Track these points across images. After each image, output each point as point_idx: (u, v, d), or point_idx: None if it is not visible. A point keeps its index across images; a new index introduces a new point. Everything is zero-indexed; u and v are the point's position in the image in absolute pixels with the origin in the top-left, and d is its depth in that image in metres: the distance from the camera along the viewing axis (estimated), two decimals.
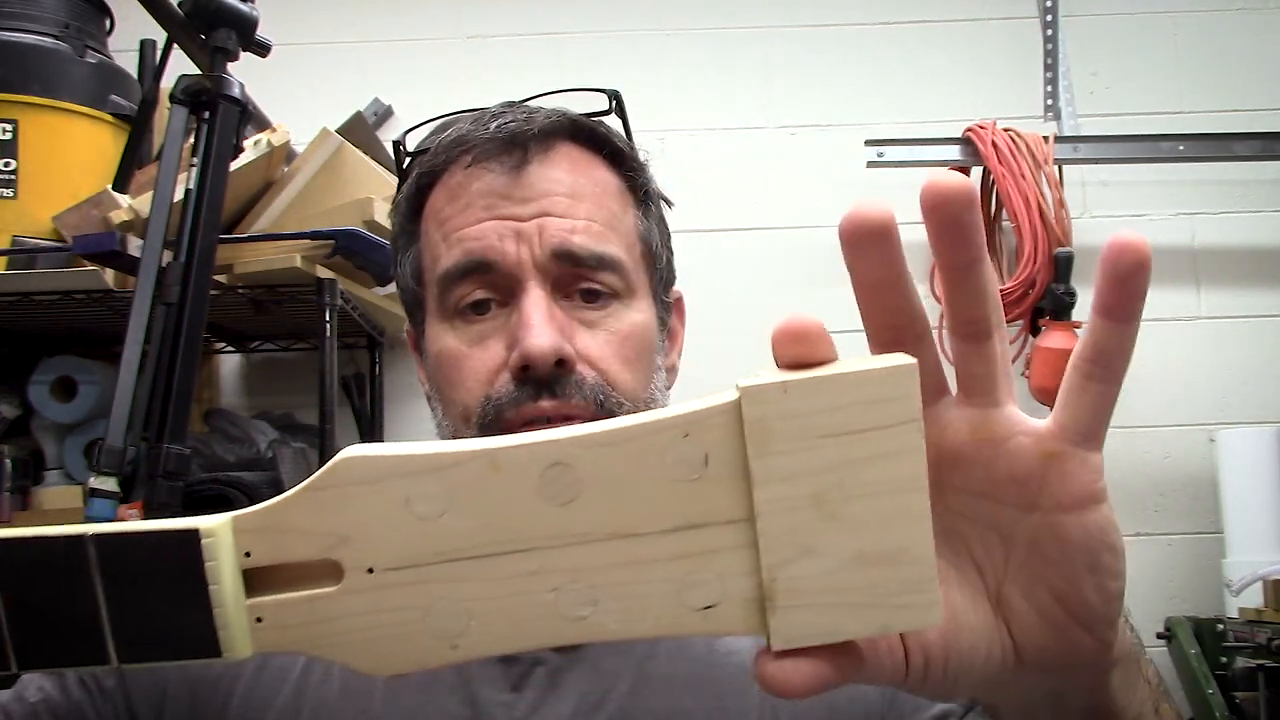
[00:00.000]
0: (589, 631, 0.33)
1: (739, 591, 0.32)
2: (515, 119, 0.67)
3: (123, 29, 1.90)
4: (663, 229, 0.73)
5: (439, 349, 0.67)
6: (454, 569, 0.33)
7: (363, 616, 0.33)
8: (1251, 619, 1.73)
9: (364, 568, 0.33)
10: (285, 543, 0.34)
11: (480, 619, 0.33)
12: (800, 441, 0.32)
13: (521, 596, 0.33)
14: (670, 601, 0.33)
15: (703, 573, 0.33)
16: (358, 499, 0.33)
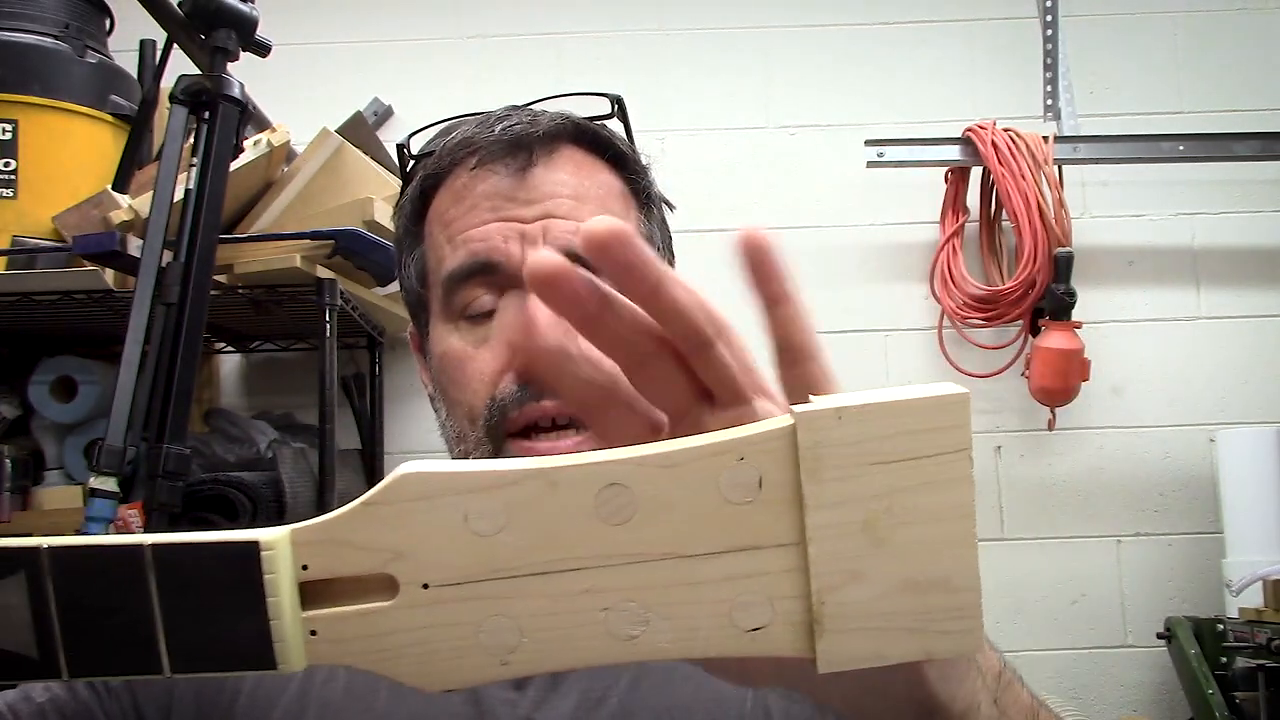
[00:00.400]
0: (640, 651, 0.33)
1: (788, 614, 0.33)
2: (519, 122, 0.67)
3: (123, 29, 1.90)
4: (664, 232, 0.74)
5: (443, 350, 0.67)
6: (508, 586, 0.33)
7: (416, 632, 0.33)
8: (1251, 619, 1.73)
9: (419, 583, 0.33)
10: (342, 556, 0.34)
11: (532, 636, 0.33)
12: (852, 468, 0.32)
13: (574, 615, 0.33)
14: (721, 623, 0.33)
15: (753, 595, 0.33)
16: (415, 515, 0.33)
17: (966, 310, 2.06)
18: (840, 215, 2.20)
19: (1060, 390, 1.99)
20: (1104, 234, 2.18)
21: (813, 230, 2.19)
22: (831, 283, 2.18)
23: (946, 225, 2.11)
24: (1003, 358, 2.09)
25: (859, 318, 2.16)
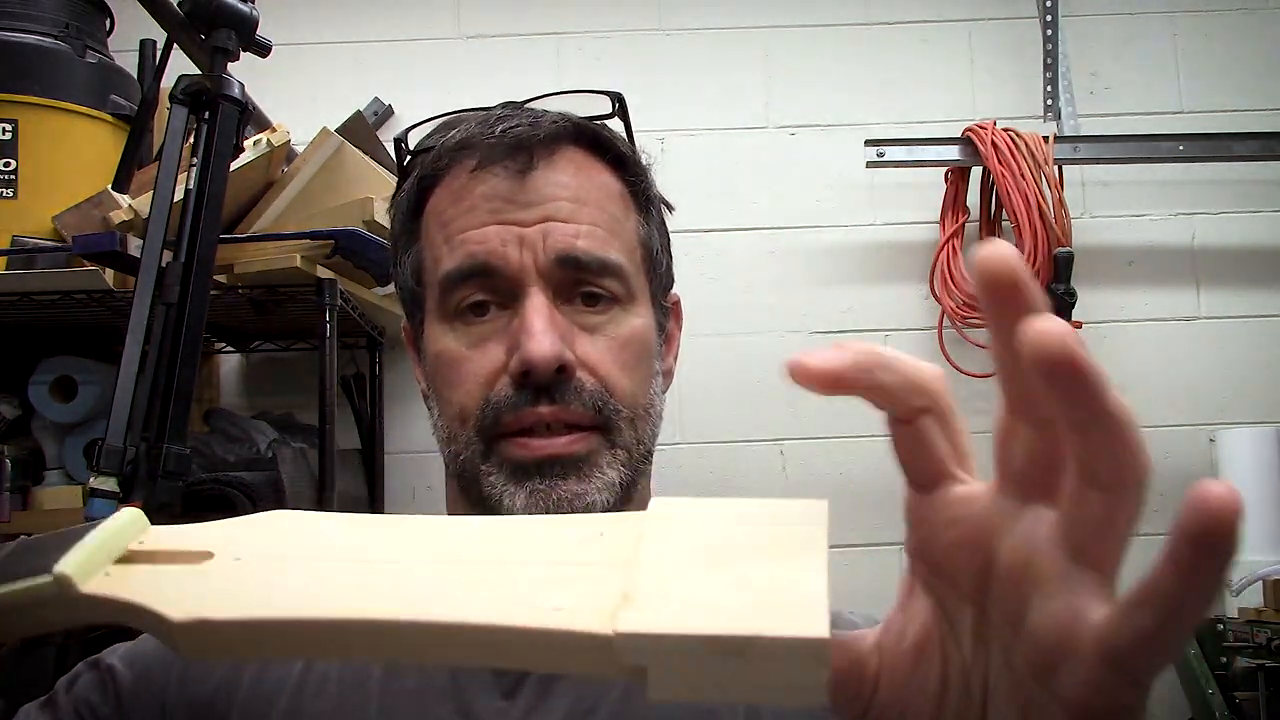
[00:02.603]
0: (421, 610, 0.31)
1: (597, 597, 0.31)
2: (520, 123, 0.66)
3: (123, 29, 1.90)
4: (663, 233, 0.73)
5: (438, 350, 0.67)
6: (312, 560, 0.33)
7: (201, 581, 0.33)
8: (1251, 619, 1.73)
9: (232, 556, 0.33)
10: (177, 538, 0.35)
11: (315, 587, 0.32)
12: (701, 527, 0.33)
13: (369, 579, 0.33)
14: (518, 597, 0.31)
15: (566, 586, 0.32)
16: (266, 525, 0.34)
17: (966, 310, 2.06)
18: (840, 215, 2.20)
19: None
20: (1104, 234, 2.18)
21: (813, 230, 2.20)
22: (831, 283, 2.18)
23: (946, 225, 2.11)
24: None
25: (859, 318, 2.16)
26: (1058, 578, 0.30)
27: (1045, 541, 0.31)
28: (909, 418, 0.33)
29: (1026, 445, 0.31)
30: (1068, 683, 0.29)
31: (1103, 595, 0.30)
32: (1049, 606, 0.30)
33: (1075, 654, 0.29)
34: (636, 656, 0.29)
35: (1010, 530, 0.32)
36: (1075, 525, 0.30)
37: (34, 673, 1.58)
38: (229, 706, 0.65)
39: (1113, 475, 0.29)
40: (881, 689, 0.34)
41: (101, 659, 0.68)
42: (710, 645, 0.29)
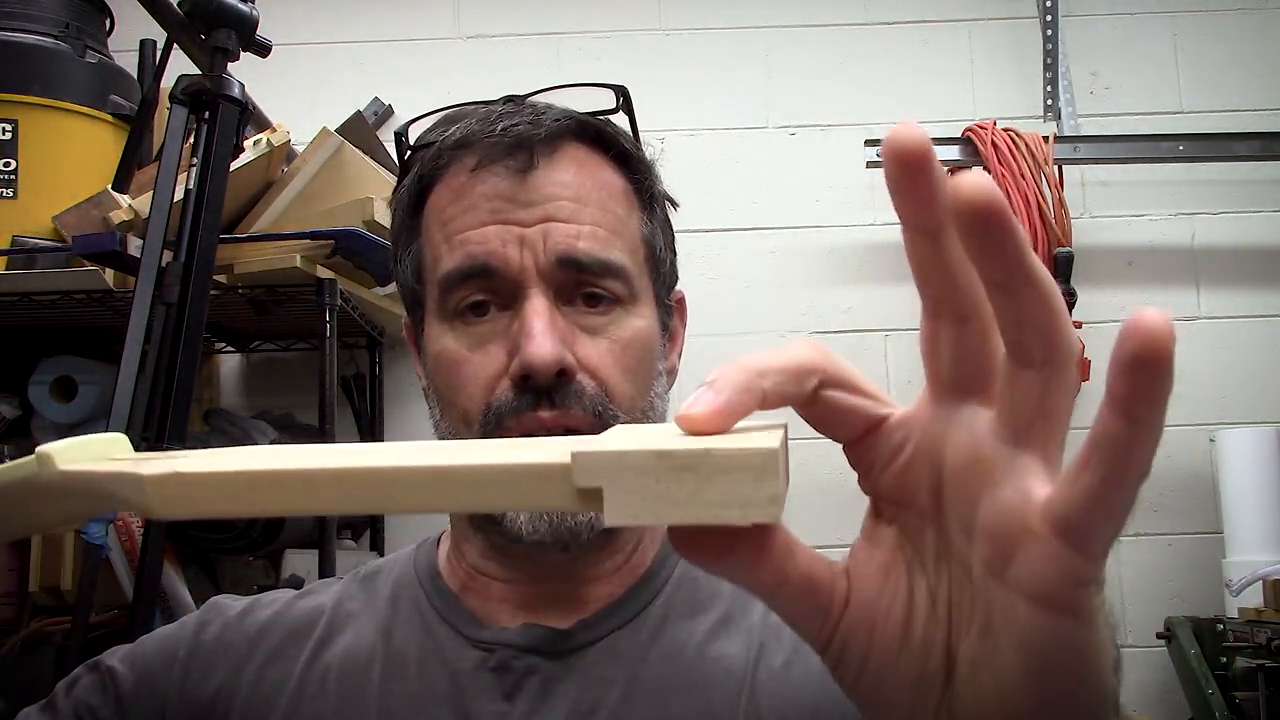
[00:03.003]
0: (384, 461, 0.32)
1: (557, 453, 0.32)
2: (522, 120, 0.66)
3: (123, 29, 1.90)
4: (667, 231, 0.73)
5: (438, 350, 0.66)
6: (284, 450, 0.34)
7: (173, 459, 0.34)
8: (1251, 619, 1.73)
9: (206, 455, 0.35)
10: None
11: (279, 456, 0.34)
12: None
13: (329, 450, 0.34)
14: (472, 452, 0.33)
15: (529, 448, 0.33)
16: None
17: None
18: (840, 215, 2.20)
19: None
20: (1104, 234, 2.18)
21: (813, 230, 2.20)
22: (831, 283, 2.18)
23: None
24: None
25: (859, 318, 2.16)
26: (1002, 467, 0.31)
27: (986, 435, 0.31)
28: (812, 400, 0.33)
29: (952, 347, 0.32)
30: (1025, 570, 0.30)
31: (1048, 475, 0.30)
32: (997, 496, 0.31)
33: (1028, 536, 0.30)
34: (592, 477, 0.30)
35: (952, 433, 0.32)
36: (1012, 410, 0.30)
37: (34, 673, 1.58)
38: (229, 708, 0.65)
39: (1043, 346, 0.29)
40: (850, 609, 0.34)
41: (101, 661, 0.68)
42: (664, 460, 0.30)
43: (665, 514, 0.30)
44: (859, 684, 0.34)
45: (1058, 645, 0.30)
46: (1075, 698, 0.31)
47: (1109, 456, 0.28)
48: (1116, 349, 0.26)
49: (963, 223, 0.28)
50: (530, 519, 0.62)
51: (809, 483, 2.08)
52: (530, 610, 0.67)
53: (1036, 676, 0.31)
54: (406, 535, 2.05)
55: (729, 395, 0.31)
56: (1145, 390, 0.26)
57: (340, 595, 0.71)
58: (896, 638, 0.34)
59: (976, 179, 0.28)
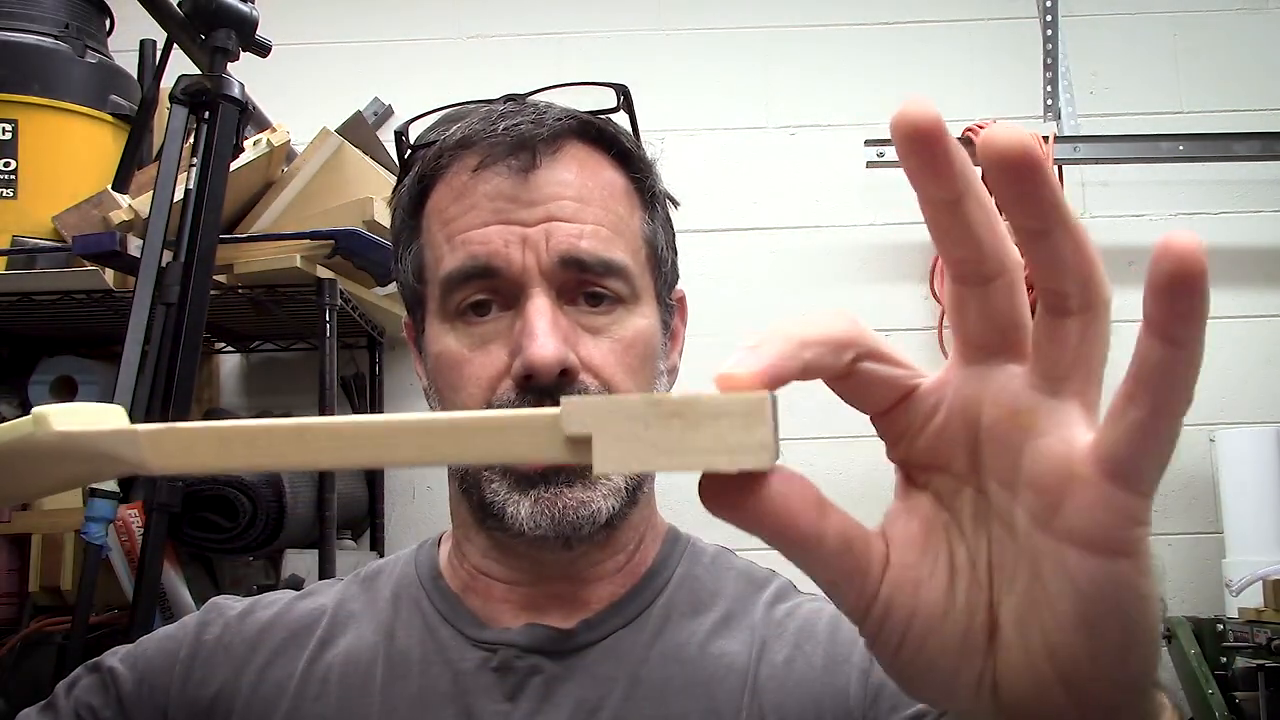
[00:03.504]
0: (375, 419, 0.33)
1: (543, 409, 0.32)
2: (523, 119, 0.66)
3: (123, 29, 1.90)
4: (668, 230, 0.72)
5: (439, 350, 0.66)
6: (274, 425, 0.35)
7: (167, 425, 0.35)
8: (1251, 619, 1.73)
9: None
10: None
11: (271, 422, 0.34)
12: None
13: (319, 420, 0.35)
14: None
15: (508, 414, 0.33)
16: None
17: None
18: (840, 215, 2.20)
19: None
20: (1104, 234, 2.18)
21: (813, 230, 2.20)
22: (831, 283, 2.18)
23: None
24: None
25: (859, 317, 2.16)
26: (1044, 417, 0.31)
27: (1023, 389, 0.31)
28: (848, 373, 0.33)
29: (979, 308, 0.32)
30: (1076, 516, 0.30)
31: (1089, 421, 0.30)
32: (1041, 446, 0.31)
33: (1076, 481, 0.30)
34: (581, 423, 0.30)
35: (988, 391, 0.32)
36: (1050, 360, 0.30)
37: (34, 673, 1.58)
38: (230, 709, 0.65)
39: (1081, 290, 0.29)
40: (891, 570, 0.33)
41: (102, 661, 0.68)
42: (653, 406, 0.30)
43: (654, 461, 0.30)
44: (900, 653, 0.33)
45: (1114, 590, 0.30)
46: (1129, 648, 0.31)
47: (1154, 384, 0.28)
48: (1150, 273, 0.27)
49: (998, 175, 0.28)
50: (532, 513, 0.62)
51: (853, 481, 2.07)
52: (532, 610, 0.67)
53: (1090, 627, 0.30)
54: (407, 536, 2.05)
55: (774, 360, 0.31)
56: (1183, 311, 0.27)
57: (341, 596, 0.71)
58: (940, 601, 0.33)
59: (1008, 132, 0.28)
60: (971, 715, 0.34)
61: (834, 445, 2.08)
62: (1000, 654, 0.33)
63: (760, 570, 0.72)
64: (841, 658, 0.64)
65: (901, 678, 0.35)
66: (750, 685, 0.63)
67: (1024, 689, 0.32)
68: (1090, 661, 0.31)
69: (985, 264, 0.31)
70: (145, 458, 0.33)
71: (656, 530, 0.72)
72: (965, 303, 0.32)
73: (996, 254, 0.31)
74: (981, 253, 0.31)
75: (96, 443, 0.34)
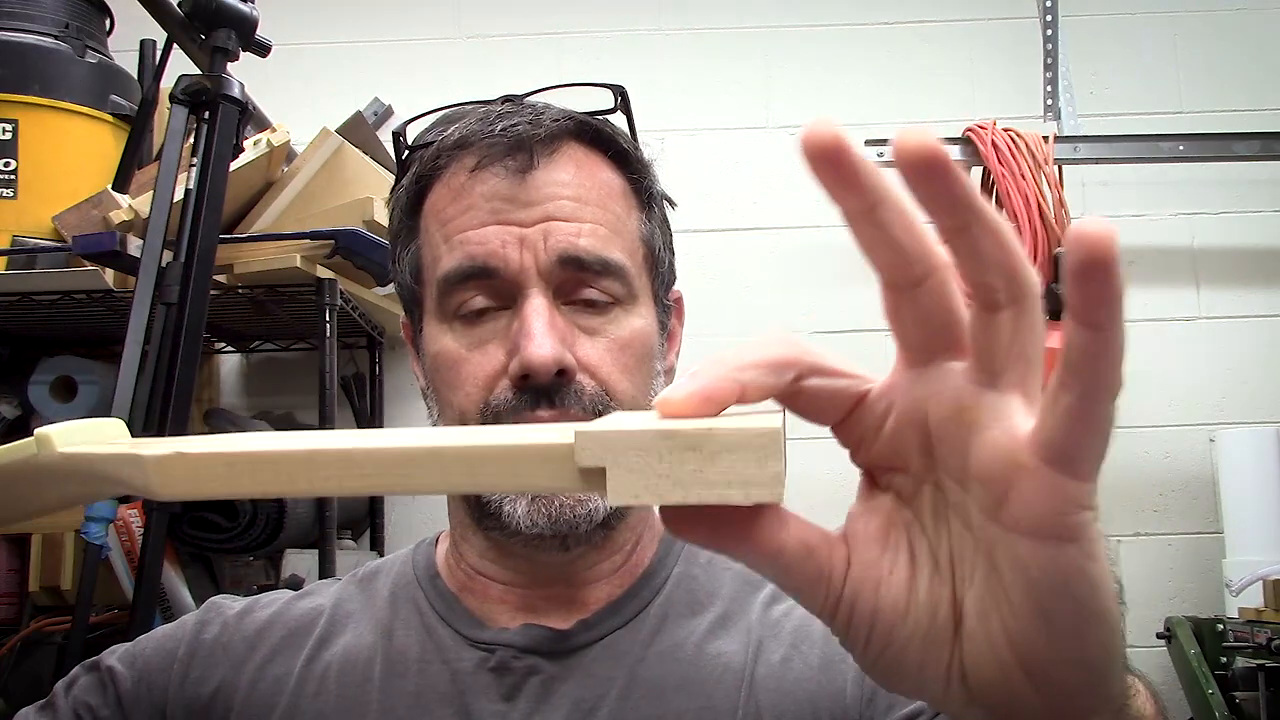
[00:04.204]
0: (386, 442, 0.32)
1: (560, 434, 0.32)
2: (521, 120, 0.65)
3: (123, 29, 1.90)
4: (665, 230, 0.72)
5: (437, 350, 0.66)
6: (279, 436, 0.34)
7: (174, 441, 0.34)
8: (1251, 619, 1.73)
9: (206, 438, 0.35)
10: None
11: (280, 438, 0.33)
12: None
13: (328, 435, 0.34)
14: (477, 433, 0.33)
15: (531, 431, 0.33)
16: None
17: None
18: (840, 215, 2.20)
19: None
20: None
21: (813, 230, 2.19)
22: (831, 283, 2.18)
23: None
24: None
25: (858, 318, 2.15)
26: (986, 411, 0.31)
27: (965, 385, 0.32)
28: (793, 392, 0.34)
29: (913, 311, 0.33)
30: (1021, 505, 0.30)
31: (1030, 411, 0.31)
32: (985, 439, 0.31)
33: (1019, 471, 0.30)
34: (595, 456, 0.30)
35: (932, 391, 0.33)
36: (986, 355, 0.31)
37: (34, 673, 1.58)
38: (229, 707, 0.65)
39: (1006, 283, 0.30)
40: (853, 571, 0.34)
41: (100, 660, 0.68)
42: (668, 439, 0.30)
43: (668, 494, 0.30)
44: (868, 649, 0.34)
45: (1062, 576, 0.30)
46: (1085, 631, 0.31)
47: (1082, 369, 0.29)
48: (1067, 262, 0.28)
49: (909, 177, 0.29)
50: (529, 511, 0.62)
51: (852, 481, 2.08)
52: (530, 611, 0.67)
53: (1044, 613, 0.31)
54: (407, 536, 2.05)
55: (706, 382, 0.31)
56: (1100, 295, 0.28)
57: (339, 596, 0.71)
58: (903, 596, 0.34)
59: (914, 134, 0.29)
60: (945, 705, 0.35)
61: (835, 446, 2.07)
62: (965, 644, 0.33)
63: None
64: (837, 657, 0.64)
65: (874, 672, 0.35)
66: (747, 685, 0.63)
67: (990, 677, 0.33)
68: (1048, 647, 0.31)
69: (911, 267, 0.32)
70: (151, 484, 0.33)
71: (653, 530, 0.72)
72: (899, 307, 0.33)
73: (921, 256, 0.31)
74: (905, 257, 0.31)
75: (101, 466, 0.34)
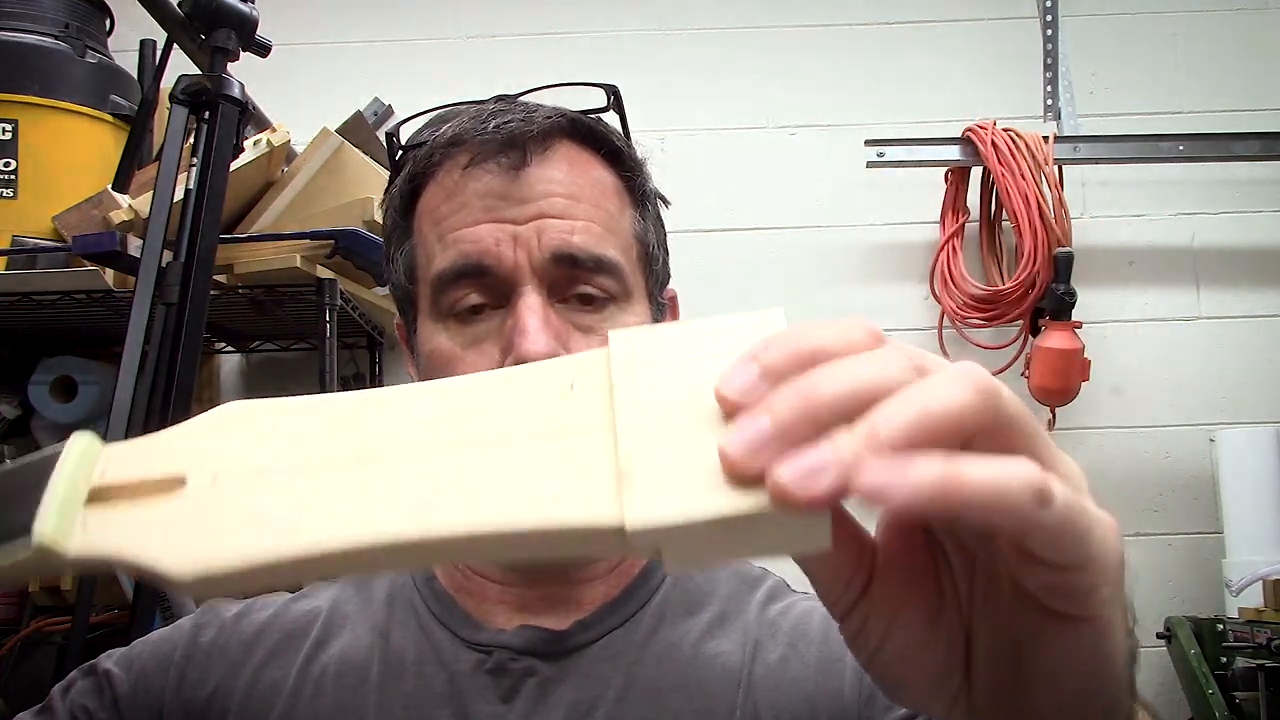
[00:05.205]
0: (428, 523, 0.31)
1: (592, 477, 0.31)
2: (514, 118, 0.65)
3: (123, 29, 1.90)
4: (659, 229, 0.72)
5: (431, 349, 0.66)
6: (301, 475, 0.32)
7: (188, 517, 0.32)
8: (1251, 619, 1.73)
9: (208, 477, 0.33)
10: (142, 460, 0.33)
11: (312, 510, 0.32)
12: (669, 365, 0.33)
13: (360, 490, 0.32)
14: (516, 490, 0.31)
15: (555, 467, 0.32)
16: (229, 429, 0.34)
17: (966, 310, 2.06)
18: (840, 215, 2.20)
19: (1060, 390, 1.99)
20: (1104, 234, 2.18)
21: (813, 230, 2.19)
22: (831, 283, 2.18)
23: (946, 225, 2.11)
24: (1003, 358, 2.09)
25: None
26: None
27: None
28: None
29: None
30: (1031, 583, 0.32)
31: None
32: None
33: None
34: (650, 549, 0.30)
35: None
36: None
37: (34, 673, 1.58)
38: (225, 710, 0.65)
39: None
40: (875, 587, 0.34)
41: (97, 664, 0.68)
42: (718, 527, 0.30)
43: (726, 561, 0.32)
44: (873, 662, 0.35)
45: (1073, 650, 0.31)
46: (1088, 697, 0.32)
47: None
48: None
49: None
50: None
51: None
52: (526, 612, 0.67)
53: (1050, 678, 0.32)
54: None
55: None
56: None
57: (336, 598, 0.71)
58: (919, 632, 0.34)
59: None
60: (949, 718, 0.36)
61: None
62: (975, 683, 0.34)
63: (753, 569, 0.72)
64: (835, 657, 0.64)
65: (878, 681, 0.36)
66: (745, 685, 0.63)
67: (995, 712, 0.34)
68: (1056, 712, 0.32)
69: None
70: (180, 594, 0.32)
71: None
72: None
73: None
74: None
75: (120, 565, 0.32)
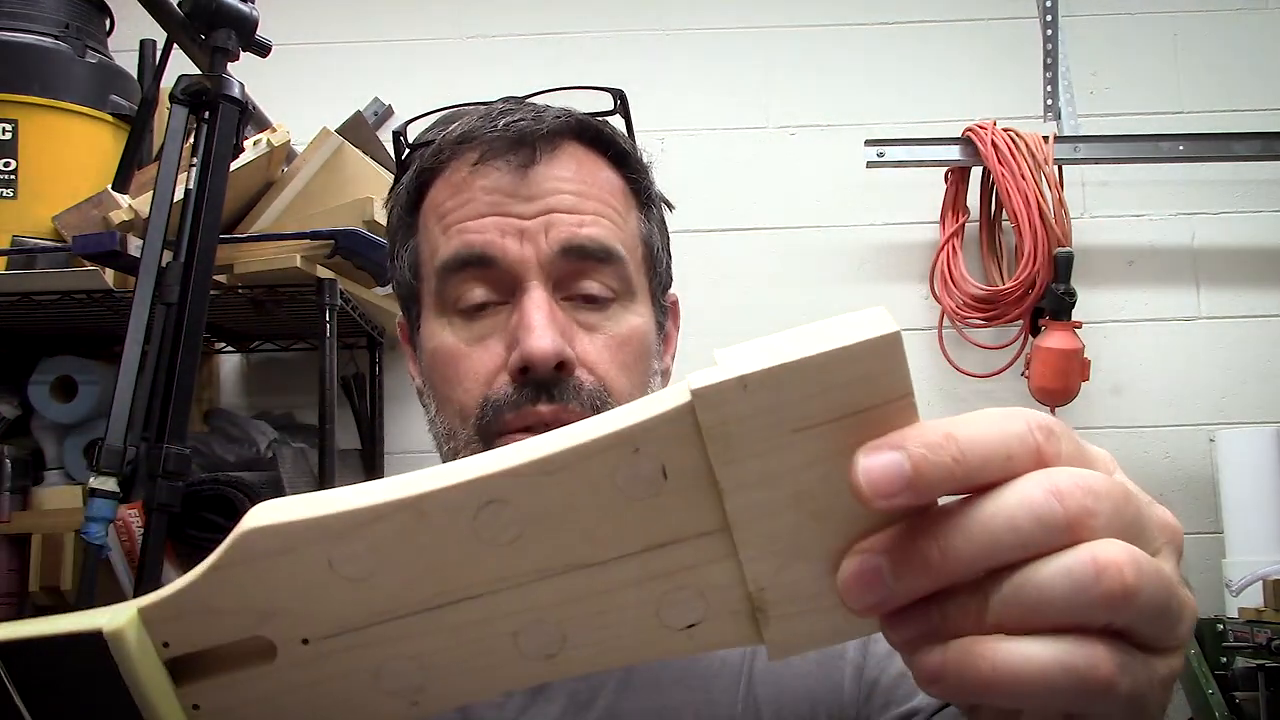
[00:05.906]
0: (561, 668, 0.30)
1: (725, 605, 0.30)
2: (524, 117, 0.65)
3: (123, 29, 1.90)
4: (663, 232, 0.73)
5: (435, 345, 0.66)
6: (397, 627, 0.30)
7: (307, 689, 0.31)
8: (1251, 619, 1.73)
9: (298, 639, 0.30)
10: (205, 626, 0.31)
11: (437, 672, 0.30)
12: (771, 440, 0.28)
13: (479, 644, 0.30)
14: (648, 625, 0.30)
15: (681, 591, 0.30)
16: (274, 570, 0.30)
17: (967, 310, 2.06)
18: (840, 215, 2.20)
19: (1060, 390, 1.99)
20: (1104, 234, 2.18)
21: (813, 230, 2.19)
22: (831, 283, 2.18)
23: (946, 225, 2.11)
24: (1003, 358, 2.09)
25: None
26: None
27: None
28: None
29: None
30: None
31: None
32: None
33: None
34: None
35: None
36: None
37: None
38: None
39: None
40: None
41: None
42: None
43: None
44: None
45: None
46: None
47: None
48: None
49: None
50: None
51: None
52: None
53: None
54: None
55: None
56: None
57: None
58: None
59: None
60: None
61: None
62: None
63: None
64: (835, 654, 0.64)
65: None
66: (745, 679, 0.63)
67: None
68: None
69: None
70: None
71: None
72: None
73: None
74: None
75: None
